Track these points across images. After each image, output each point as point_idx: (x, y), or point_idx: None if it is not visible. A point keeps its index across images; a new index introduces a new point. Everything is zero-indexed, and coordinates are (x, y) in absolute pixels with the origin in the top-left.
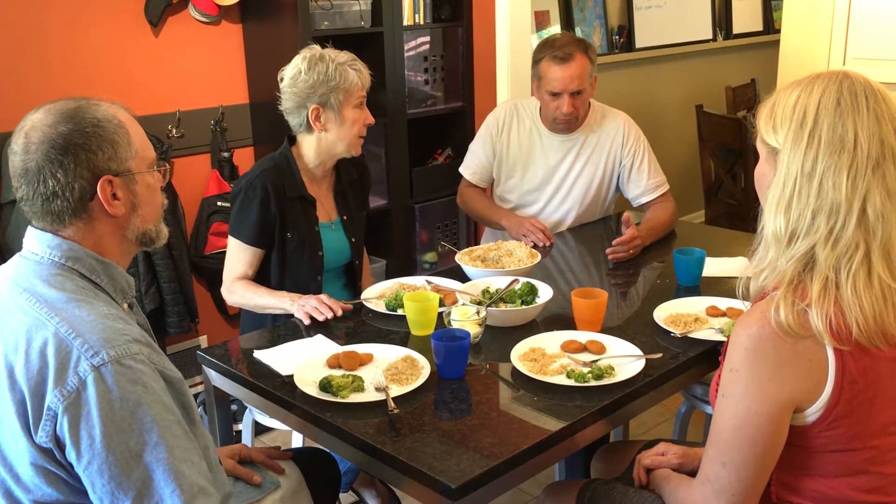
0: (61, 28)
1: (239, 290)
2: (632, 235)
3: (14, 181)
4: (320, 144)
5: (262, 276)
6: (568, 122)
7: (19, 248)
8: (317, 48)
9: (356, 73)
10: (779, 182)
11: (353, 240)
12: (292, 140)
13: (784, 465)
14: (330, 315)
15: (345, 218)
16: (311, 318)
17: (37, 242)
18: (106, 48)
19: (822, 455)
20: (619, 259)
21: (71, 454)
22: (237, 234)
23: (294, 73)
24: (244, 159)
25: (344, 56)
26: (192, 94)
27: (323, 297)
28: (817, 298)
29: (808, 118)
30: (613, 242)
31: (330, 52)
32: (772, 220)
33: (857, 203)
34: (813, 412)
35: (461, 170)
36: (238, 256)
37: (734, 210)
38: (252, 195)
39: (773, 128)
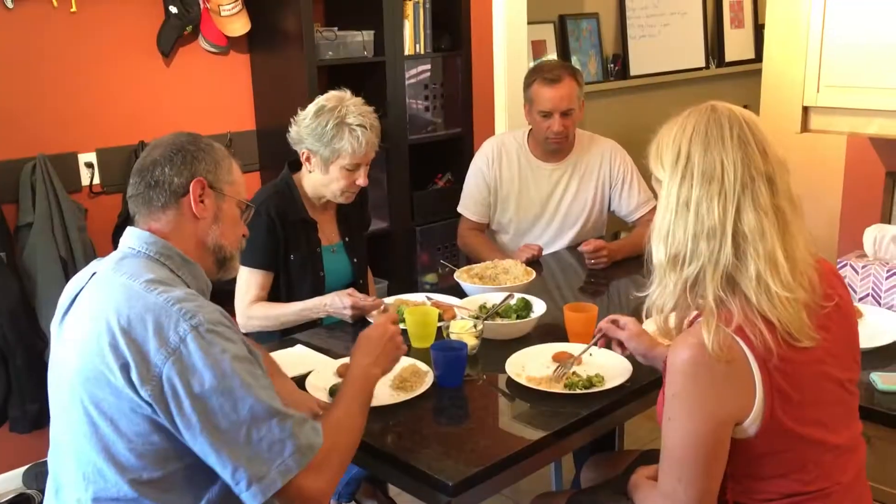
0: (78, 57)
1: (259, 312)
2: (596, 246)
3: (131, 178)
4: (312, 181)
5: (269, 300)
6: (559, 142)
7: (34, 270)
8: (337, 97)
9: (353, 141)
10: (660, 211)
11: (356, 260)
12: (293, 166)
13: (735, 473)
14: (357, 304)
15: (347, 240)
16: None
17: (134, 239)
18: (120, 76)
19: (765, 459)
20: (595, 266)
21: (182, 404)
22: (246, 261)
23: (305, 113)
24: (251, 184)
25: (355, 117)
26: (202, 120)
27: (349, 291)
28: (741, 318)
29: (682, 152)
30: (581, 249)
31: (344, 105)
32: (655, 249)
33: (730, 225)
34: (751, 425)
35: (459, 209)
36: (249, 282)
37: None
38: (258, 222)
39: (660, 164)
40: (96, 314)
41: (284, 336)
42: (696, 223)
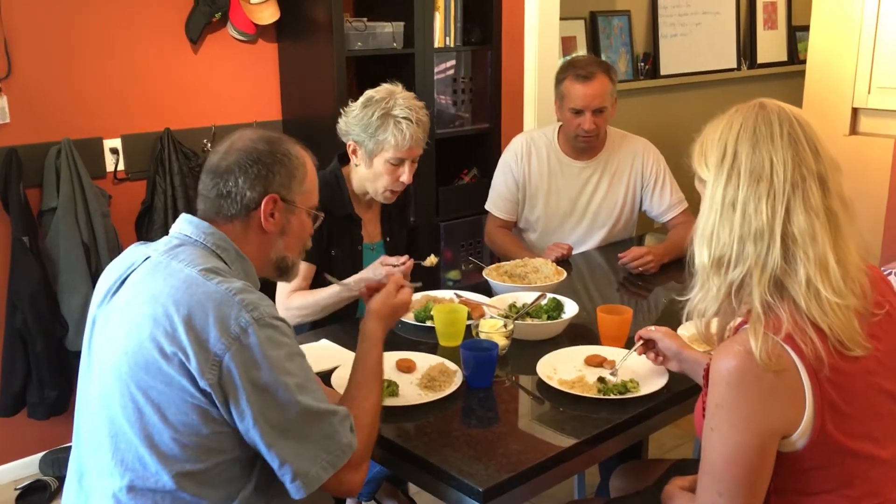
0: (105, 42)
1: (297, 301)
2: (636, 254)
3: (203, 174)
4: (358, 176)
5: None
6: (589, 141)
7: (58, 254)
8: (388, 89)
9: (397, 134)
10: (703, 212)
11: None
12: (343, 159)
13: (778, 488)
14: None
15: (388, 240)
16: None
17: (191, 227)
18: (147, 62)
19: (812, 473)
20: (645, 272)
21: (239, 394)
22: None
23: (355, 105)
24: None
25: (402, 110)
26: (228, 109)
27: (383, 258)
28: (790, 325)
29: (729, 151)
30: (620, 256)
31: (394, 97)
32: (697, 251)
33: (779, 227)
34: (799, 438)
35: (487, 206)
36: None
37: None
38: None
39: (704, 163)
40: (152, 299)
41: (315, 328)
42: (743, 224)
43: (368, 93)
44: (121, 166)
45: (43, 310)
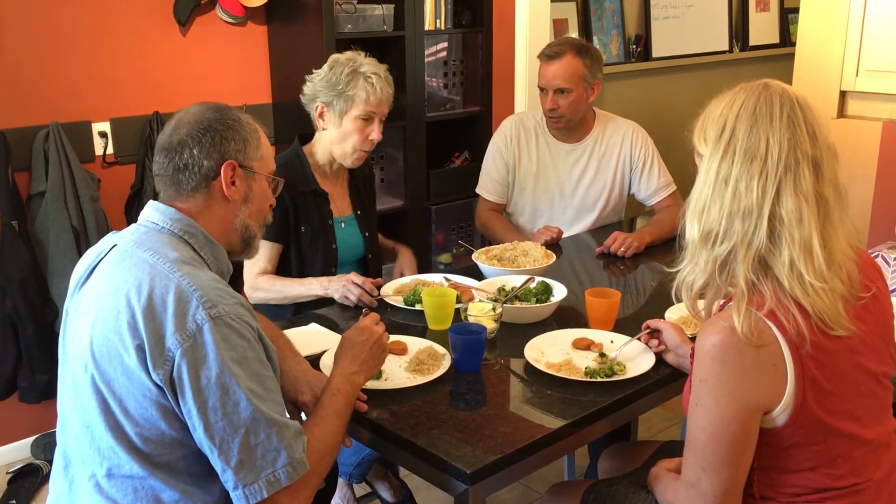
0: (94, 24)
1: (265, 285)
2: (617, 239)
3: (156, 155)
4: (324, 144)
5: (281, 272)
6: (555, 121)
7: (47, 238)
8: (352, 54)
9: (369, 88)
10: (697, 187)
11: (367, 234)
12: (303, 139)
13: (762, 465)
14: (363, 297)
15: (359, 213)
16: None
17: (159, 214)
18: (135, 45)
19: (794, 450)
20: (626, 254)
21: (186, 393)
22: None
23: (319, 70)
24: None
25: (369, 67)
26: (217, 92)
27: (352, 276)
28: (773, 302)
29: (727, 128)
30: (606, 244)
31: (359, 59)
32: (689, 224)
33: (767, 207)
34: (780, 414)
35: (478, 190)
36: (260, 252)
37: None
38: None
39: (703, 138)
40: (116, 289)
41: (297, 314)
42: (733, 201)
43: (333, 56)
44: (110, 150)
45: (33, 294)
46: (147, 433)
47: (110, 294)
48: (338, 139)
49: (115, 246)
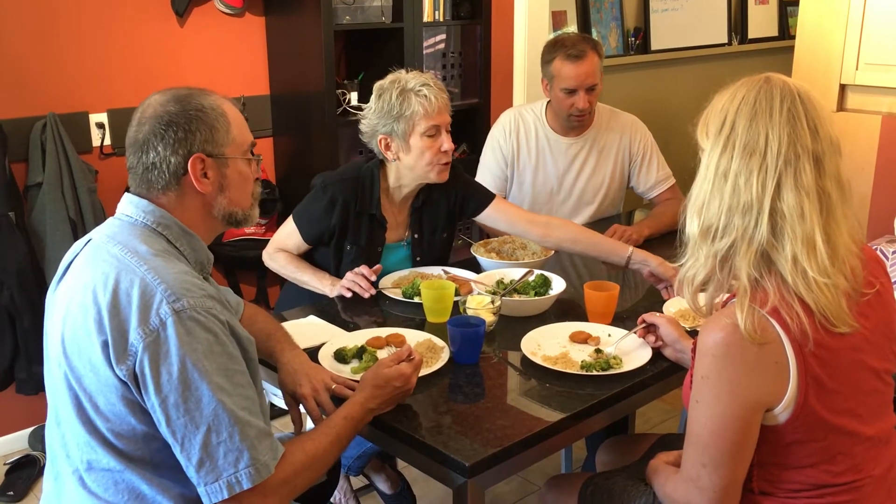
0: (91, 15)
1: (281, 260)
2: (616, 231)
3: (126, 150)
4: (398, 171)
5: (315, 260)
6: (582, 118)
7: (43, 230)
8: (394, 75)
9: (423, 101)
10: (697, 181)
11: (418, 259)
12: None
13: (762, 461)
14: (366, 292)
15: (415, 237)
16: (351, 291)
17: (132, 206)
18: (133, 36)
19: (794, 447)
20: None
21: (149, 388)
22: (298, 221)
23: (367, 105)
24: (264, 149)
25: (415, 81)
26: (215, 83)
27: (363, 269)
28: (776, 299)
29: (728, 122)
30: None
31: (402, 77)
32: (689, 219)
33: (768, 202)
34: (782, 412)
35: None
36: (291, 237)
37: None
38: (321, 198)
39: (705, 132)
40: (84, 286)
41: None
42: (733, 196)
43: (377, 84)
44: (107, 141)
45: (29, 285)
46: (118, 429)
47: (79, 290)
48: (412, 163)
49: (90, 241)
